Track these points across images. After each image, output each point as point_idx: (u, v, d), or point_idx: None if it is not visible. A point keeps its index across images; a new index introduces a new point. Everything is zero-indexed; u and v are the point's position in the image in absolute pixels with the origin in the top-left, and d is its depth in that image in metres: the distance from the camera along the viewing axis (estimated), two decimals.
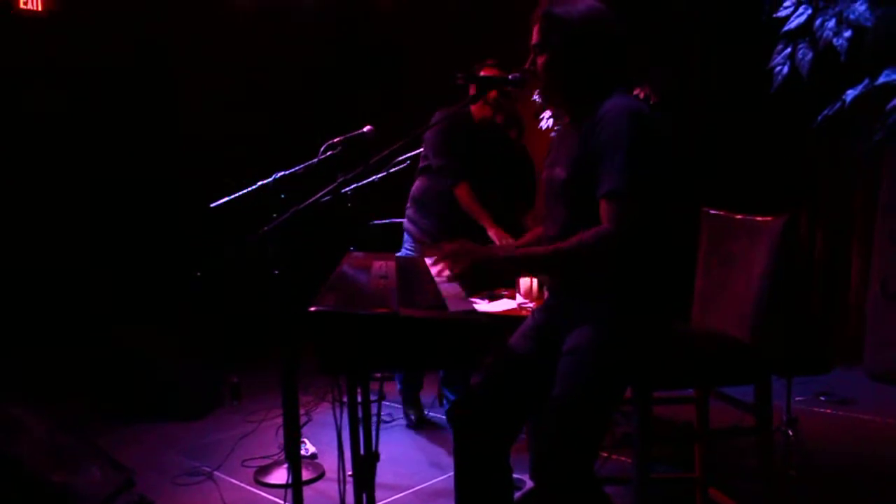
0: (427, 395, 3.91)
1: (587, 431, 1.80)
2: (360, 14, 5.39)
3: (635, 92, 4.40)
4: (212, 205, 2.91)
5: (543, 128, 4.76)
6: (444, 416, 3.61)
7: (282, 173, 2.88)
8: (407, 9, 5.44)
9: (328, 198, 2.27)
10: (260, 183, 2.93)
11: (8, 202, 4.15)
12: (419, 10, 5.43)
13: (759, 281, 2.13)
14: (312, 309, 1.51)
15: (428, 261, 2.20)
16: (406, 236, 3.51)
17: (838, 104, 3.10)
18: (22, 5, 4.19)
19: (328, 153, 3.04)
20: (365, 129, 3.11)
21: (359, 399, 2.18)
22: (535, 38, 1.91)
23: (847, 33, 3.01)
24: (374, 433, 2.23)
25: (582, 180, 1.79)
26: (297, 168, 2.86)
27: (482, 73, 3.22)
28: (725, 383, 2.32)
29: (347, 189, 3.56)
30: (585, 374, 1.80)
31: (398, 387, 3.70)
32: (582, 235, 1.75)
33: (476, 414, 1.95)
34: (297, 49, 5.21)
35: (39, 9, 4.24)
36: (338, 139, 3.15)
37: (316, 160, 2.94)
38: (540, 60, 1.90)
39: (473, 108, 3.38)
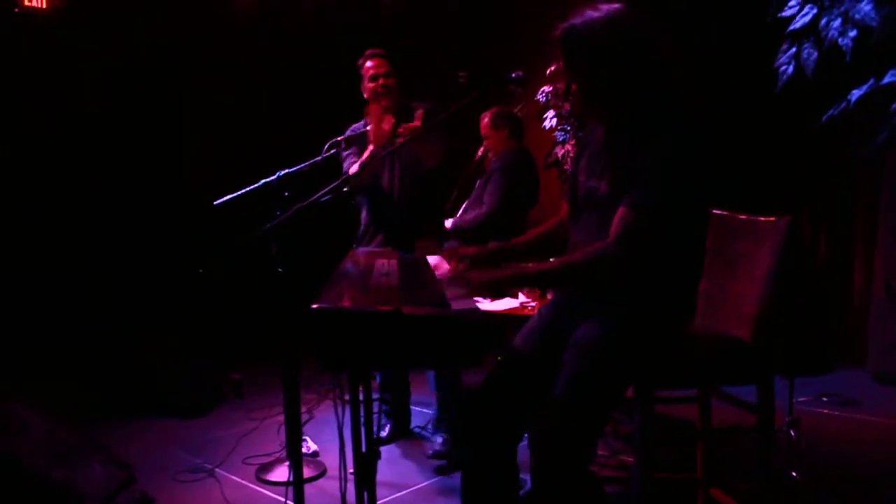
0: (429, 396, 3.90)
1: (588, 427, 1.81)
2: (361, 14, 5.39)
3: None
4: (215, 202, 2.91)
5: (547, 127, 4.76)
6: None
7: (285, 171, 2.88)
8: (407, 9, 5.45)
9: (331, 196, 2.28)
10: (263, 181, 2.93)
11: (11, 201, 4.16)
12: (419, 10, 5.44)
13: (762, 281, 2.12)
14: (314, 306, 1.50)
15: (432, 261, 2.20)
16: None
17: (843, 104, 3.09)
18: (27, 3, 4.19)
19: (332, 151, 3.04)
20: (368, 128, 3.11)
21: (360, 397, 2.18)
22: (563, 64, 1.83)
23: (852, 33, 3.00)
24: (375, 431, 2.22)
25: (623, 196, 1.77)
26: (300, 166, 2.86)
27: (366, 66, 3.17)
28: (728, 383, 2.32)
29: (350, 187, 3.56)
30: (590, 369, 1.80)
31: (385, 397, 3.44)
32: (585, 251, 1.76)
33: (483, 411, 1.96)
34: (300, 48, 5.21)
35: (44, 6, 4.25)
36: (341, 137, 3.15)
37: (320, 158, 2.95)
38: (574, 87, 1.82)
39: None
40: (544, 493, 1.80)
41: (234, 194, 2.92)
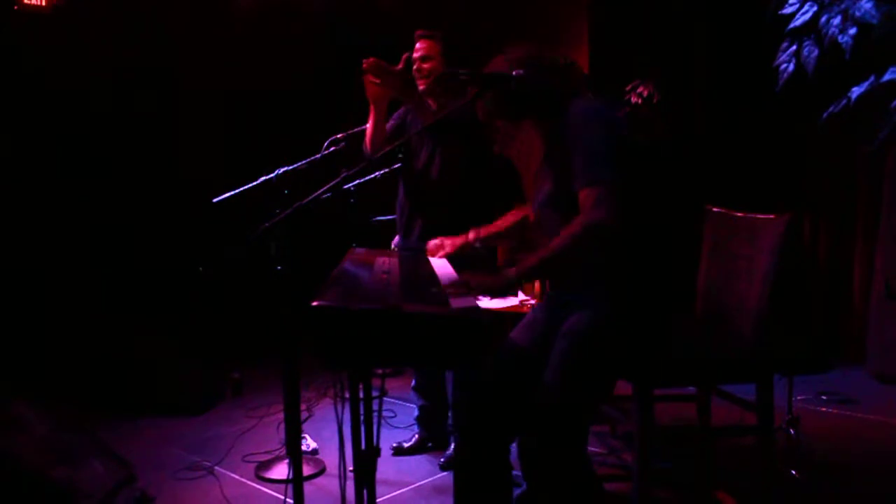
0: None
1: (577, 414, 1.85)
2: (361, 14, 5.39)
3: (639, 90, 4.39)
4: (214, 200, 2.91)
5: None
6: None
7: (284, 169, 2.87)
8: (407, 9, 5.44)
9: (330, 194, 2.27)
10: (263, 178, 2.93)
11: (9, 199, 4.15)
12: (419, 10, 5.43)
13: (761, 279, 2.12)
14: (315, 304, 1.50)
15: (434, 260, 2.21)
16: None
17: (843, 102, 3.09)
18: (26, 0, 4.18)
19: (331, 149, 3.04)
20: (368, 126, 3.11)
21: (360, 395, 2.18)
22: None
23: (852, 30, 2.99)
24: (375, 429, 2.22)
25: (568, 187, 1.84)
26: (300, 164, 2.86)
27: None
28: (727, 381, 2.32)
29: (350, 185, 3.57)
30: (576, 354, 1.85)
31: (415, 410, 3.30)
32: (569, 229, 1.79)
33: (478, 407, 1.98)
34: (299, 48, 5.20)
35: (43, 4, 4.24)
36: (341, 135, 3.15)
37: (319, 156, 2.94)
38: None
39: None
40: (536, 481, 1.82)
41: (233, 192, 2.91)
